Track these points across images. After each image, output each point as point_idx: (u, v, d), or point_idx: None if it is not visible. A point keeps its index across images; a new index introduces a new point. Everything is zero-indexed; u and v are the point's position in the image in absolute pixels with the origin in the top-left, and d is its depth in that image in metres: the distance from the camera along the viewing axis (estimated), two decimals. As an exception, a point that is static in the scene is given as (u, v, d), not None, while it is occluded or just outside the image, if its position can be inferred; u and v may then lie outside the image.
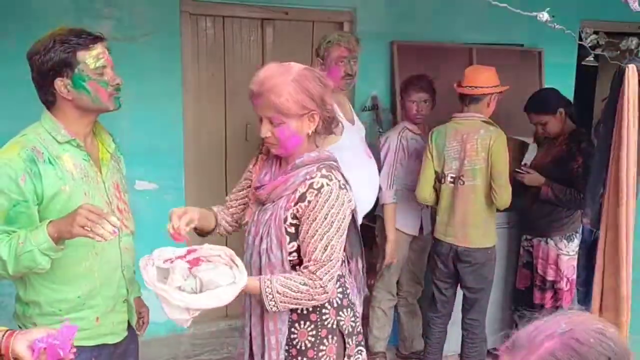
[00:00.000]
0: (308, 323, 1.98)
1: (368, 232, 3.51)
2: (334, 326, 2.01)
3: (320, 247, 1.84)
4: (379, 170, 3.23)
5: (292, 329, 1.98)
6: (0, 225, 1.82)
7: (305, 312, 1.97)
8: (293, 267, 1.92)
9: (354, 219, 2.01)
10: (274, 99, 1.81)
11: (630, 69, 2.45)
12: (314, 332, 1.98)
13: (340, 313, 2.02)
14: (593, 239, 3.65)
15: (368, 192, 3.18)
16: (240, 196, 2.19)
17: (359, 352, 2.11)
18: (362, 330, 2.15)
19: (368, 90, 4.21)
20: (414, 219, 3.68)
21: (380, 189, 3.22)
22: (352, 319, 2.06)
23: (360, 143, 3.19)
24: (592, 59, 3.90)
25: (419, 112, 3.58)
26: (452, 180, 3.28)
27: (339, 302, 2.02)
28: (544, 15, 1.92)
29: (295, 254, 1.91)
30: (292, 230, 1.90)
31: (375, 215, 3.63)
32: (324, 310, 1.99)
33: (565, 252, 3.58)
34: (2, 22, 3.32)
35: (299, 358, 1.98)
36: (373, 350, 3.82)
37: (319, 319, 1.98)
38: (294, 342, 1.98)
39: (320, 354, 1.99)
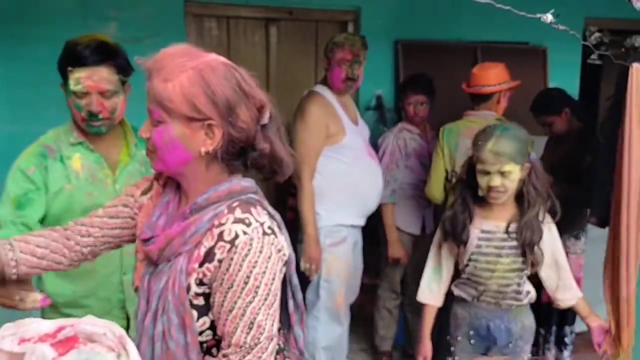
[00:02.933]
0: None
1: (371, 232, 3.51)
2: None
3: (243, 326, 1.29)
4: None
5: None
6: (12, 210, 1.89)
7: None
8: (208, 352, 1.39)
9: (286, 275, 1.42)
10: (158, 84, 1.30)
11: (635, 68, 2.44)
12: None
13: None
14: None
15: (370, 193, 3.19)
16: (111, 226, 1.53)
17: None
18: None
19: (372, 90, 4.20)
20: (415, 218, 3.68)
21: None
22: None
23: (363, 144, 3.20)
24: (595, 57, 3.89)
25: (416, 114, 3.59)
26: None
27: None
28: (548, 17, 1.91)
29: (209, 332, 1.37)
30: (199, 302, 1.33)
31: (378, 215, 3.64)
32: None
33: (573, 250, 3.57)
34: (7, 23, 3.33)
35: None
36: (379, 349, 3.82)
37: None
38: None
39: None
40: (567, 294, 2.47)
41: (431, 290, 2.55)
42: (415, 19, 4.33)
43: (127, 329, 2.15)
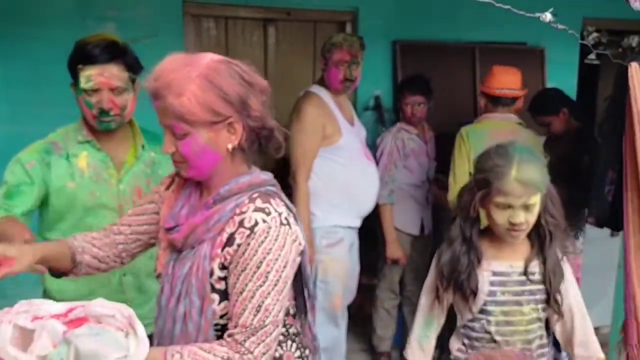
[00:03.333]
0: None
1: (369, 233, 3.51)
2: None
3: (251, 308, 1.35)
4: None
5: None
6: (1, 197, 1.92)
7: None
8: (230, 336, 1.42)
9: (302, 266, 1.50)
10: (172, 100, 1.33)
11: (634, 67, 2.44)
12: None
13: None
14: None
15: (366, 194, 3.18)
16: (138, 223, 1.63)
17: None
18: None
19: (371, 90, 4.20)
20: (413, 218, 3.68)
21: None
22: None
23: (360, 145, 3.19)
24: (593, 57, 3.91)
25: (414, 115, 3.59)
26: None
27: None
28: (547, 16, 1.91)
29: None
30: (221, 286, 1.41)
31: (376, 216, 3.64)
32: None
33: (571, 250, 3.56)
34: (6, 23, 3.33)
35: None
36: (377, 350, 3.82)
37: None
38: None
39: None
40: (586, 350, 1.95)
41: (422, 349, 2.10)
42: (413, 19, 4.33)
43: None
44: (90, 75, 1.91)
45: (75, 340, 1.19)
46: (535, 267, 1.91)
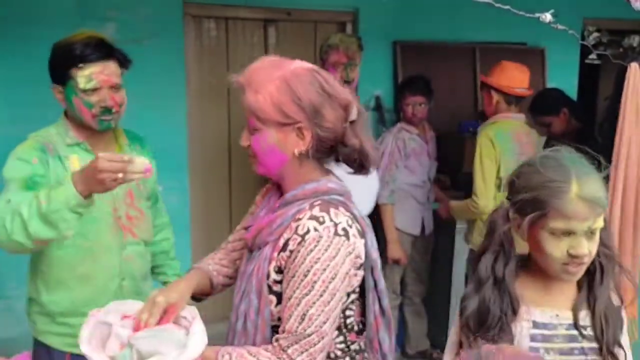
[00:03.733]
0: None
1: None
2: None
3: (296, 315, 1.36)
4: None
5: None
6: (24, 192, 1.78)
7: None
8: None
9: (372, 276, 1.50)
10: (250, 96, 1.41)
11: (633, 67, 2.45)
12: None
13: None
14: None
15: (363, 196, 3.18)
16: (242, 235, 1.70)
17: None
18: None
19: (371, 90, 4.20)
20: (414, 218, 3.68)
21: None
22: None
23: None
24: (594, 57, 3.91)
25: (414, 115, 3.59)
26: None
27: None
28: (547, 17, 1.91)
29: None
30: (278, 289, 1.43)
31: (377, 216, 3.64)
32: None
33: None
34: (6, 23, 3.33)
35: None
36: (378, 350, 3.82)
37: None
38: None
39: None
40: None
41: None
42: (413, 19, 4.33)
43: None
44: (91, 74, 1.85)
45: (135, 343, 1.31)
46: (586, 316, 1.49)
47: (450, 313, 3.83)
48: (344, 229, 1.39)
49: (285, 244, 1.41)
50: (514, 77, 3.15)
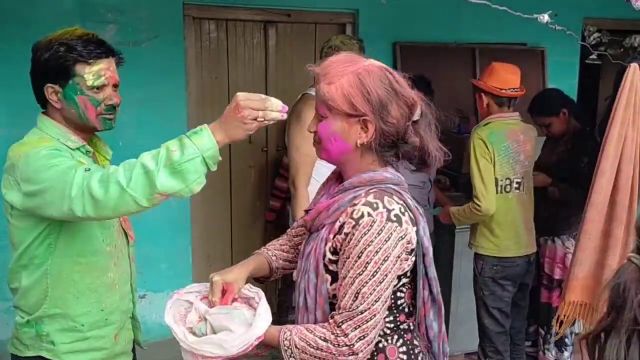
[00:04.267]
0: None
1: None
2: None
3: (351, 294, 1.46)
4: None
5: None
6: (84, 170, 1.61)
7: None
8: None
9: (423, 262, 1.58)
10: (323, 86, 1.52)
11: (632, 68, 2.45)
12: None
13: None
14: None
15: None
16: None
17: None
18: None
19: (371, 92, 4.20)
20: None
21: None
22: None
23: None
24: (594, 57, 3.92)
25: None
26: (517, 185, 3.16)
27: None
28: (544, 17, 1.90)
29: None
30: (333, 268, 1.54)
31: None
32: None
33: (572, 250, 3.57)
34: (4, 25, 3.34)
35: None
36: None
37: None
38: None
39: None
40: None
41: None
42: (413, 20, 4.33)
43: (137, 342, 2.09)
44: (100, 70, 1.78)
45: (209, 318, 1.51)
46: None
47: (451, 314, 3.83)
48: (396, 215, 1.49)
49: (341, 227, 1.51)
50: (504, 79, 3.14)
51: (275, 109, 1.53)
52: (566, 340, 3.67)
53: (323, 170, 3.04)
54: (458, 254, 3.81)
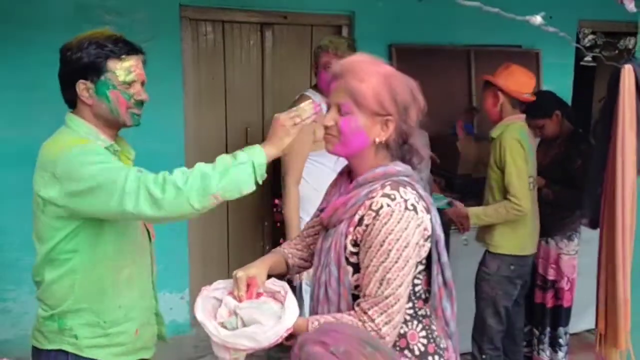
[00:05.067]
0: None
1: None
2: None
3: (375, 281, 1.54)
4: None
5: None
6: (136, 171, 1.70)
7: None
8: None
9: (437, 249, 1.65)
10: (353, 83, 1.58)
11: (627, 69, 2.46)
12: None
13: None
14: None
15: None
16: (318, 223, 1.87)
17: None
18: None
19: (367, 93, 4.22)
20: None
21: None
22: None
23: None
24: (589, 59, 3.96)
25: None
26: (532, 184, 3.20)
27: (423, 348, 1.68)
28: (537, 19, 1.92)
29: None
30: (354, 260, 1.62)
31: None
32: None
33: (566, 251, 3.59)
34: (3, 27, 3.35)
35: None
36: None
37: None
38: None
39: None
40: None
41: None
42: (408, 22, 4.35)
43: (162, 336, 2.12)
44: (131, 67, 1.83)
45: (240, 312, 1.58)
46: None
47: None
48: (412, 205, 1.57)
49: (361, 220, 1.59)
50: (524, 83, 3.16)
51: (308, 114, 1.70)
52: (560, 340, 3.69)
53: (314, 171, 3.06)
54: (452, 254, 3.81)
